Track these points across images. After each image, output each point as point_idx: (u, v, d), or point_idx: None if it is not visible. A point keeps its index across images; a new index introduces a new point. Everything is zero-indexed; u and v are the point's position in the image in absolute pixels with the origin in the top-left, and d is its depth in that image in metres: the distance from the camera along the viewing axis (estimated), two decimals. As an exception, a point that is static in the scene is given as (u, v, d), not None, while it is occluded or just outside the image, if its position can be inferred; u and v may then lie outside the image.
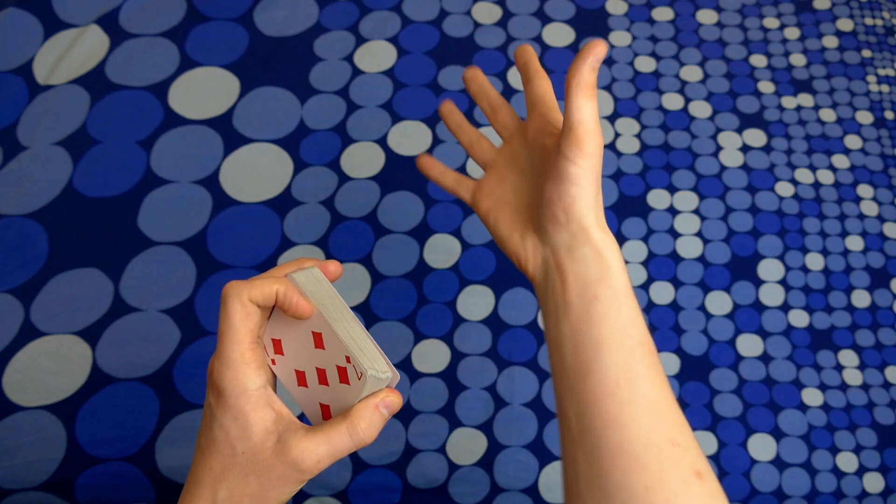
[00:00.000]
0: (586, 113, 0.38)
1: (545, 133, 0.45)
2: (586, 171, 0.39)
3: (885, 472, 0.68)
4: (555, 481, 0.66)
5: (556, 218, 0.40)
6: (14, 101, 0.77)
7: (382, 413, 0.38)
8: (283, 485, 0.36)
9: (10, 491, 0.62)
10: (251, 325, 0.36)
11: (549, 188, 0.40)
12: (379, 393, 0.38)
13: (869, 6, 0.93)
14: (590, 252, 0.40)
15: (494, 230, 0.46)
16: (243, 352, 0.36)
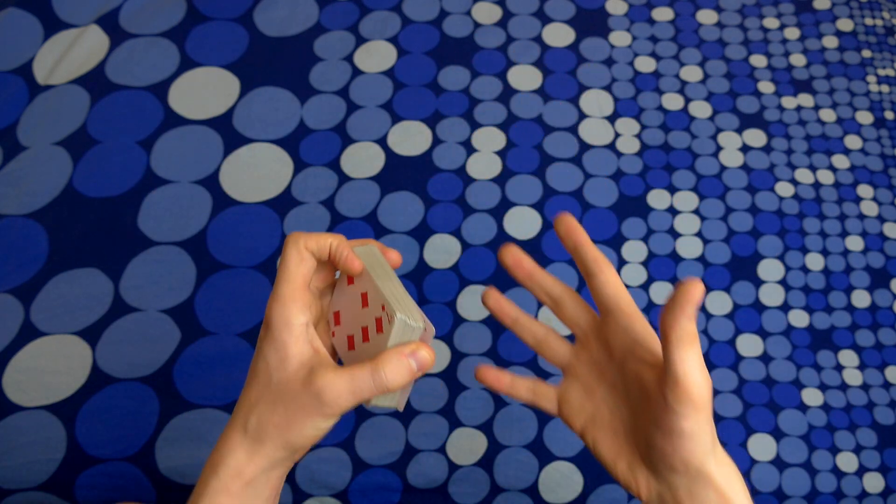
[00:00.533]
0: (691, 364, 0.36)
1: (636, 357, 0.40)
2: (700, 423, 0.36)
3: (885, 472, 0.68)
4: (555, 481, 0.66)
5: (673, 467, 0.37)
6: (14, 101, 0.77)
7: (410, 363, 0.37)
8: (306, 415, 0.36)
9: (10, 491, 0.62)
10: (304, 270, 0.38)
11: (661, 440, 0.37)
12: (410, 343, 0.38)
13: (869, 6, 0.93)
14: (713, 496, 0.37)
15: (595, 452, 0.41)
16: (293, 290, 0.38)
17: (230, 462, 0.37)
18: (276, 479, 0.39)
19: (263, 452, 0.37)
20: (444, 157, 0.78)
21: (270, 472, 0.38)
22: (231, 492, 0.37)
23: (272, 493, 0.39)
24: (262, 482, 0.38)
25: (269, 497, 0.39)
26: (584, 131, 0.81)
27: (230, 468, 0.37)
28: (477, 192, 0.77)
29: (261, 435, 0.37)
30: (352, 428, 0.66)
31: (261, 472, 0.38)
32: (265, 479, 0.38)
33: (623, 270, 0.74)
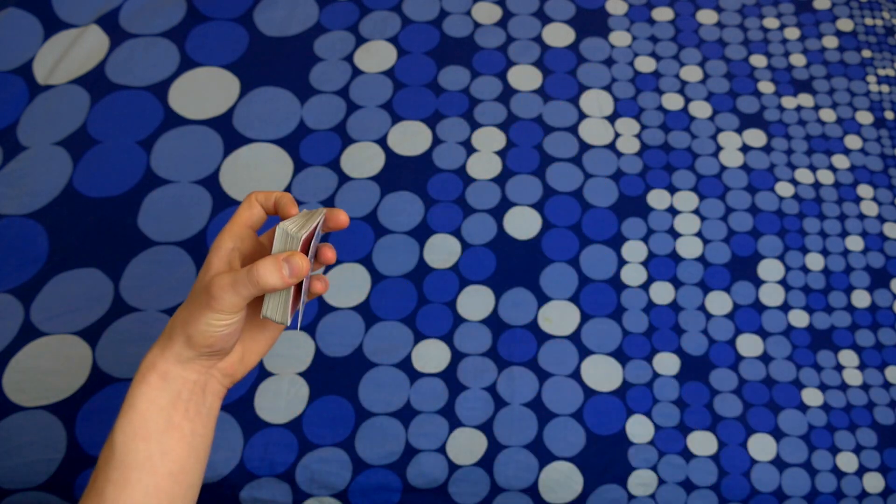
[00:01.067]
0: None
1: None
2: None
3: (885, 472, 0.68)
4: (555, 481, 0.66)
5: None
6: (14, 101, 0.77)
7: (282, 266, 0.41)
8: (200, 311, 0.41)
9: (10, 491, 0.62)
10: (248, 213, 0.45)
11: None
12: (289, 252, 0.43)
13: (869, 6, 0.93)
14: None
15: None
16: (232, 225, 0.45)
17: (149, 357, 0.43)
18: (191, 383, 0.43)
19: (171, 346, 0.42)
20: (444, 157, 0.78)
21: (183, 370, 0.42)
22: (150, 382, 0.42)
23: (189, 395, 0.43)
24: (176, 379, 0.42)
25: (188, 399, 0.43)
26: (584, 131, 0.81)
27: (147, 362, 0.42)
28: (477, 192, 0.77)
29: (171, 332, 0.42)
30: (352, 428, 0.66)
31: (172, 367, 0.42)
32: (179, 377, 0.42)
33: (623, 270, 0.74)
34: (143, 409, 0.42)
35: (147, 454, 0.41)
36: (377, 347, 0.69)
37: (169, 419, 0.42)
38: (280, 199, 0.45)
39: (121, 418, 0.42)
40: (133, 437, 0.41)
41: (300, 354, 0.68)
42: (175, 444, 0.42)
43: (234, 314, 0.42)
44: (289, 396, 0.67)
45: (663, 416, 0.69)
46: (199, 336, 0.41)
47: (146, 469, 0.41)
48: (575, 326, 0.71)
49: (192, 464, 0.43)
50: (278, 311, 0.44)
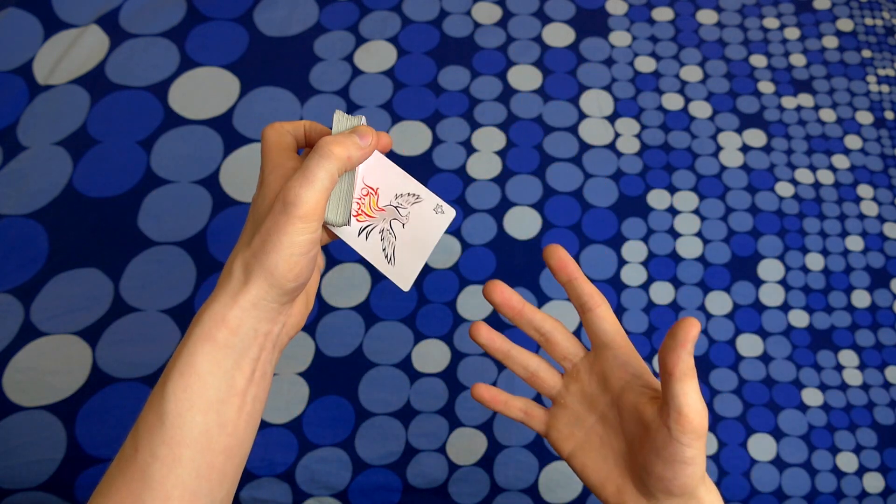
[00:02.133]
0: (693, 396, 0.37)
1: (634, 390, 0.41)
2: (700, 450, 0.38)
3: (885, 472, 0.68)
4: (555, 481, 0.66)
5: (669, 491, 0.39)
6: (14, 101, 0.78)
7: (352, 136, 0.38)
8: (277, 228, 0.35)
9: (10, 491, 0.62)
10: (284, 141, 0.40)
11: (660, 467, 0.38)
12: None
13: (869, 6, 0.93)
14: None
15: (582, 475, 0.43)
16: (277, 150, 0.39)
17: (214, 307, 0.36)
18: (263, 336, 0.37)
19: (246, 290, 0.35)
20: (444, 157, 0.78)
21: (258, 321, 0.36)
22: (216, 340, 0.35)
23: (259, 351, 0.37)
24: (248, 333, 0.36)
25: (257, 358, 0.37)
26: (584, 131, 0.81)
27: (214, 313, 0.36)
28: (477, 192, 0.77)
29: (244, 273, 0.36)
30: (352, 428, 0.66)
31: (246, 317, 0.36)
32: (251, 330, 0.36)
33: (623, 270, 0.74)
34: (205, 372, 0.35)
35: (204, 428, 0.35)
36: (377, 347, 0.69)
37: (232, 384, 0.36)
38: (311, 127, 0.41)
39: (173, 381, 0.35)
40: (189, 408, 0.35)
41: (300, 354, 0.68)
42: (235, 415, 0.36)
43: (319, 220, 0.36)
44: (289, 396, 0.67)
45: (663, 416, 0.69)
46: (285, 263, 0.35)
47: (201, 446, 0.35)
48: (575, 326, 0.71)
49: (248, 435, 0.38)
50: (340, 212, 0.40)
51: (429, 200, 0.42)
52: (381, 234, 0.42)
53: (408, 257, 0.42)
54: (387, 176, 0.42)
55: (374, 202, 0.42)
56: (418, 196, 0.42)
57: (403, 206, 0.42)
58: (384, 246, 0.42)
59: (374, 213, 0.42)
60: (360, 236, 0.42)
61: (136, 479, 0.34)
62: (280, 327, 0.38)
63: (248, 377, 0.37)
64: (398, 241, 0.42)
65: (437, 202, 0.42)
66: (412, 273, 0.42)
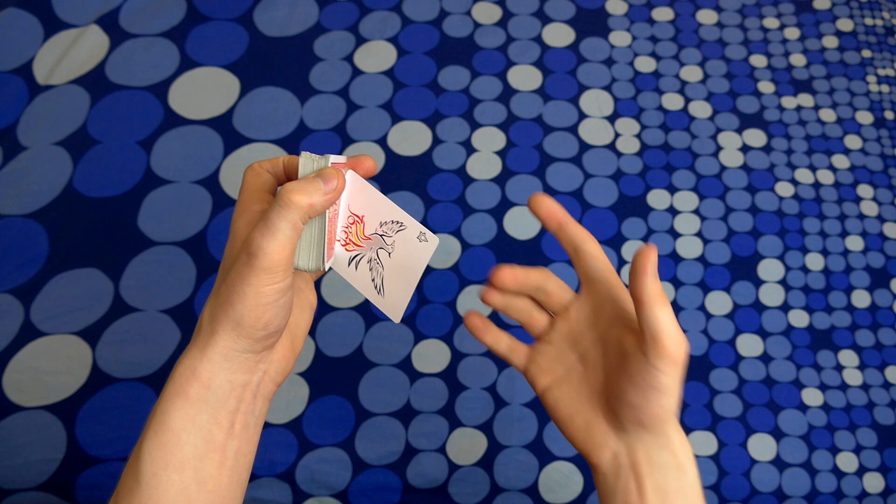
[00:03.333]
0: (666, 322, 0.37)
1: (620, 324, 0.41)
2: (675, 379, 0.38)
3: (885, 472, 0.68)
4: (555, 481, 0.66)
5: (640, 421, 0.39)
6: (14, 101, 0.77)
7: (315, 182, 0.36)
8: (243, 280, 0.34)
9: (10, 491, 0.62)
10: (260, 181, 0.39)
11: (634, 394, 0.38)
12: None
13: (869, 6, 0.93)
14: (669, 458, 0.39)
15: (553, 410, 0.43)
16: (250, 192, 0.39)
17: (185, 362, 0.35)
18: (240, 388, 0.36)
19: (214, 342, 0.35)
20: (444, 157, 0.78)
21: (231, 372, 0.35)
22: (188, 395, 0.34)
23: (237, 403, 0.36)
24: (222, 386, 0.35)
25: (235, 410, 0.36)
26: (584, 131, 0.81)
27: (185, 368, 0.35)
28: (477, 192, 0.77)
29: (211, 325, 0.35)
30: (352, 428, 0.66)
31: (217, 370, 0.35)
32: (226, 383, 0.35)
33: (623, 270, 0.74)
34: (178, 429, 0.34)
35: (181, 486, 0.34)
36: (377, 347, 0.69)
37: (209, 439, 0.35)
38: (289, 161, 0.40)
39: (148, 440, 0.34)
40: (164, 467, 0.34)
41: (300, 355, 0.68)
42: (215, 471, 0.35)
43: (284, 270, 0.35)
44: (289, 396, 0.67)
45: (663, 416, 0.69)
46: (251, 314, 0.34)
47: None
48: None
49: (234, 491, 0.36)
50: (312, 256, 0.38)
51: (412, 228, 0.41)
52: (370, 263, 0.42)
53: (396, 288, 0.41)
54: (371, 203, 0.41)
55: (360, 231, 0.41)
56: (402, 224, 0.41)
57: (388, 235, 0.41)
58: (373, 276, 0.42)
59: (361, 242, 0.41)
60: (350, 266, 0.42)
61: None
62: (260, 376, 0.37)
63: (227, 431, 0.35)
64: (386, 270, 0.42)
65: (420, 230, 0.41)
66: (402, 304, 0.41)
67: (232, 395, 0.35)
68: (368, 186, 0.41)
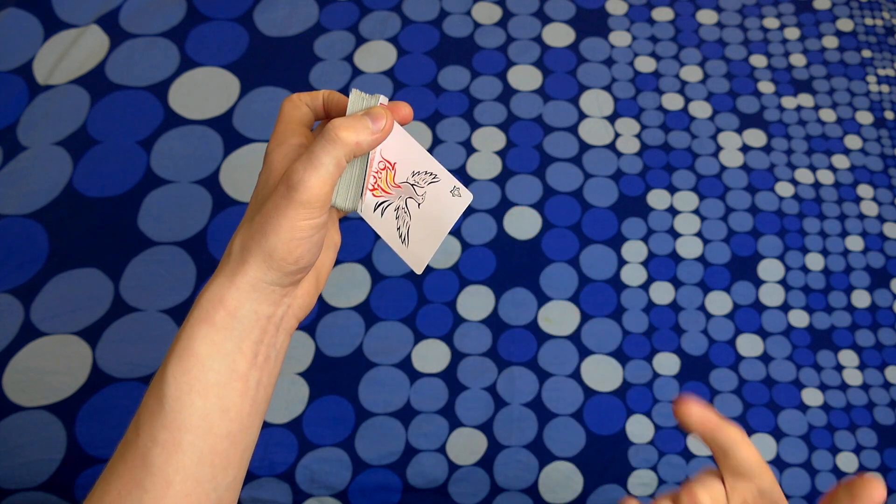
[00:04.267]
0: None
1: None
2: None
3: (885, 472, 0.68)
4: (555, 481, 0.66)
5: None
6: (14, 101, 0.77)
7: (363, 120, 0.36)
8: (279, 211, 0.34)
9: (10, 491, 0.62)
10: (299, 113, 0.39)
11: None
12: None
13: (869, 6, 0.93)
14: None
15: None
16: (288, 123, 0.38)
17: (212, 289, 0.35)
18: (265, 319, 0.36)
19: (244, 271, 0.34)
20: (444, 157, 0.78)
21: (258, 303, 0.35)
22: (214, 322, 0.34)
23: (261, 335, 0.36)
24: (248, 316, 0.35)
25: (259, 342, 0.36)
26: (584, 131, 0.81)
27: (212, 295, 0.35)
28: (477, 192, 0.77)
29: (242, 253, 0.35)
30: (352, 428, 0.66)
31: (245, 299, 0.35)
32: (251, 313, 0.35)
33: (623, 270, 0.74)
34: (203, 355, 0.34)
35: (204, 412, 0.34)
36: (377, 347, 0.69)
37: (233, 368, 0.35)
38: (330, 96, 0.39)
39: (173, 365, 0.34)
40: (189, 391, 0.34)
41: (300, 354, 0.68)
42: (238, 399, 0.35)
43: (322, 207, 0.34)
44: (289, 396, 0.67)
45: (663, 416, 0.69)
46: (284, 246, 0.34)
47: (202, 430, 0.34)
48: (575, 326, 0.71)
49: (254, 421, 0.36)
50: (350, 195, 0.38)
51: (446, 181, 0.40)
52: (397, 211, 0.41)
53: (422, 239, 0.41)
54: (405, 151, 0.40)
55: (391, 177, 0.40)
56: (435, 175, 0.40)
57: (420, 185, 0.41)
58: (399, 225, 0.41)
59: (390, 188, 0.40)
60: (376, 212, 0.41)
61: (137, 465, 0.33)
62: (284, 309, 0.37)
63: (251, 361, 0.35)
64: (413, 221, 0.41)
65: (454, 184, 0.40)
66: (426, 256, 0.41)
67: (257, 326, 0.35)
68: (404, 133, 0.40)
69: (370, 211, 0.41)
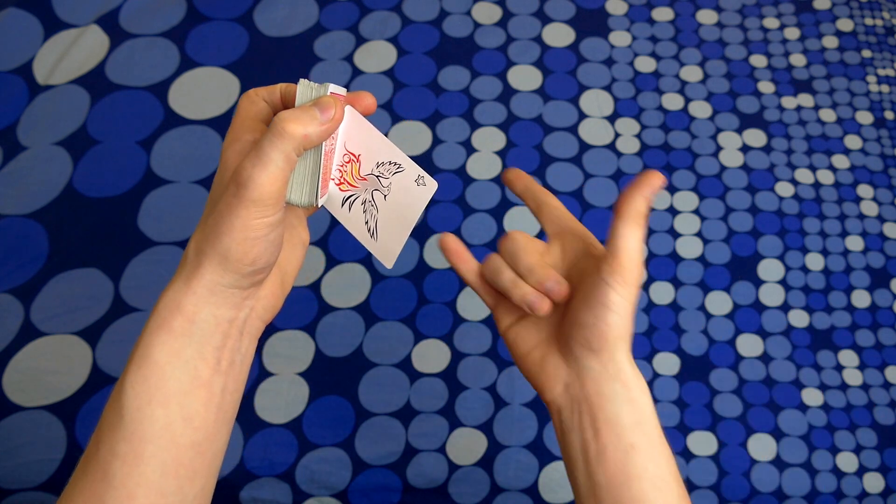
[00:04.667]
0: (632, 241, 0.37)
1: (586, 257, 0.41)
2: (626, 299, 0.37)
3: (885, 472, 0.68)
4: (555, 481, 0.66)
5: (588, 343, 0.38)
6: (14, 101, 0.77)
7: (311, 111, 0.34)
8: (231, 210, 0.32)
9: (10, 491, 0.62)
10: (254, 109, 0.37)
11: (585, 312, 0.38)
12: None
13: (869, 6, 0.93)
14: (621, 390, 0.38)
15: (513, 347, 0.43)
16: (242, 120, 0.37)
17: (169, 294, 0.34)
18: (226, 323, 0.34)
19: (200, 275, 0.33)
20: (444, 157, 0.78)
21: (216, 307, 0.34)
22: (172, 329, 0.33)
23: (223, 339, 0.35)
24: (207, 321, 0.34)
25: (221, 346, 0.35)
26: (584, 131, 0.81)
27: (169, 301, 0.34)
28: (477, 192, 0.77)
29: (197, 256, 0.34)
30: (352, 428, 0.66)
31: (203, 304, 0.34)
32: (211, 317, 0.34)
33: (623, 270, 0.74)
34: (163, 363, 0.33)
35: (165, 422, 0.33)
36: (377, 347, 0.69)
37: (195, 375, 0.34)
38: (287, 89, 0.38)
39: (131, 374, 0.33)
40: (148, 402, 0.33)
41: (300, 354, 0.68)
42: (201, 408, 0.34)
43: (275, 204, 0.33)
44: (289, 396, 0.67)
45: (663, 416, 0.69)
46: (238, 247, 0.33)
47: (164, 441, 0.33)
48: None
49: (220, 428, 0.35)
50: (305, 190, 0.36)
51: (410, 170, 0.39)
52: (364, 205, 0.40)
53: (390, 232, 0.40)
54: (368, 141, 0.39)
55: (356, 170, 0.39)
56: (400, 165, 0.39)
57: (385, 176, 0.39)
58: (367, 219, 0.40)
59: (356, 182, 0.39)
60: (344, 207, 0.40)
61: (98, 479, 0.33)
62: (247, 312, 0.36)
63: (214, 367, 0.34)
64: (380, 213, 0.40)
65: (418, 172, 0.39)
66: (395, 249, 0.40)
67: (217, 331, 0.34)
68: (367, 124, 0.39)
69: (338, 206, 0.40)
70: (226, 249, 0.33)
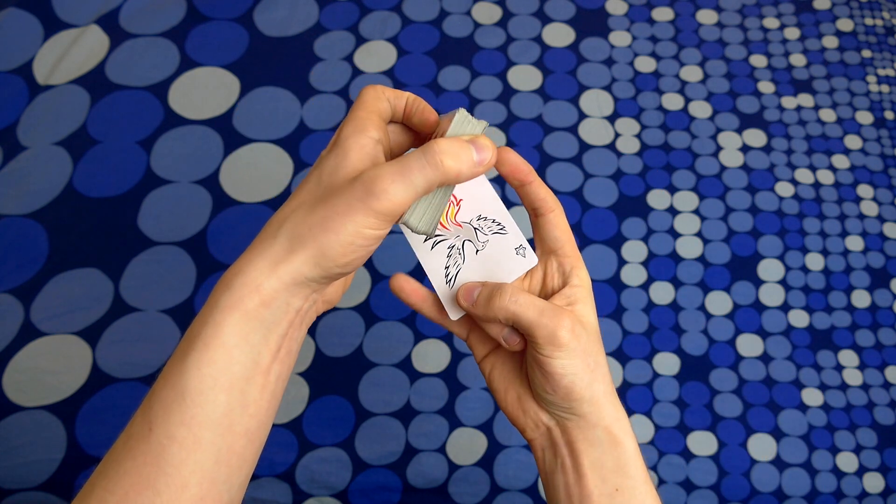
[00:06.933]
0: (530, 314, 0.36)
1: (562, 299, 0.39)
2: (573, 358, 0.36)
3: (885, 472, 0.68)
4: (555, 481, 0.66)
5: (556, 404, 0.37)
6: (14, 101, 0.77)
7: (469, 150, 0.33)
8: (348, 210, 0.31)
9: (10, 491, 0.62)
10: (381, 105, 0.36)
11: (539, 379, 0.37)
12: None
13: (869, 6, 0.93)
14: (603, 435, 0.37)
15: (489, 381, 0.42)
16: (369, 113, 0.35)
17: (250, 273, 0.32)
18: (294, 312, 0.33)
19: (289, 261, 0.32)
20: (444, 157, 0.78)
21: (291, 296, 0.32)
22: (246, 310, 0.31)
23: (287, 328, 0.33)
24: (280, 308, 0.32)
25: (284, 335, 0.33)
26: (584, 131, 0.81)
27: (248, 279, 0.32)
28: (477, 192, 0.76)
29: (292, 242, 0.32)
30: (352, 428, 0.66)
31: (282, 290, 0.32)
32: (284, 304, 0.32)
33: (623, 270, 0.74)
34: (230, 345, 0.31)
35: (227, 408, 0.31)
36: (377, 347, 0.69)
37: (257, 361, 0.32)
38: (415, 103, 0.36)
39: (197, 353, 0.31)
40: (213, 386, 0.31)
41: (300, 354, 0.68)
42: (258, 395, 0.32)
43: (393, 220, 0.32)
44: (289, 396, 0.67)
45: (663, 416, 0.69)
46: (339, 249, 0.31)
47: (222, 427, 0.31)
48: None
49: (270, 417, 0.34)
50: (424, 219, 0.34)
51: (513, 237, 0.38)
52: (450, 249, 0.38)
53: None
54: (477, 192, 0.38)
55: (453, 213, 0.38)
56: (503, 227, 0.38)
57: (483, 231, 0.38)
58: (448, 263, 0.39)
59: (449, 224, 0.38)
60: (427, 243, 0.39)
61: (149, 463, 0.30)
62: (311, 304, 0.34)
63: (274, 354, 0.33)
64: (465, 265, 0.38)
65: (521, 242, 0.38)
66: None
67: (285, 319, 0.33)
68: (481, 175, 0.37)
69: (419, 240, 0.39)
70: (328, 247, 0.32)
